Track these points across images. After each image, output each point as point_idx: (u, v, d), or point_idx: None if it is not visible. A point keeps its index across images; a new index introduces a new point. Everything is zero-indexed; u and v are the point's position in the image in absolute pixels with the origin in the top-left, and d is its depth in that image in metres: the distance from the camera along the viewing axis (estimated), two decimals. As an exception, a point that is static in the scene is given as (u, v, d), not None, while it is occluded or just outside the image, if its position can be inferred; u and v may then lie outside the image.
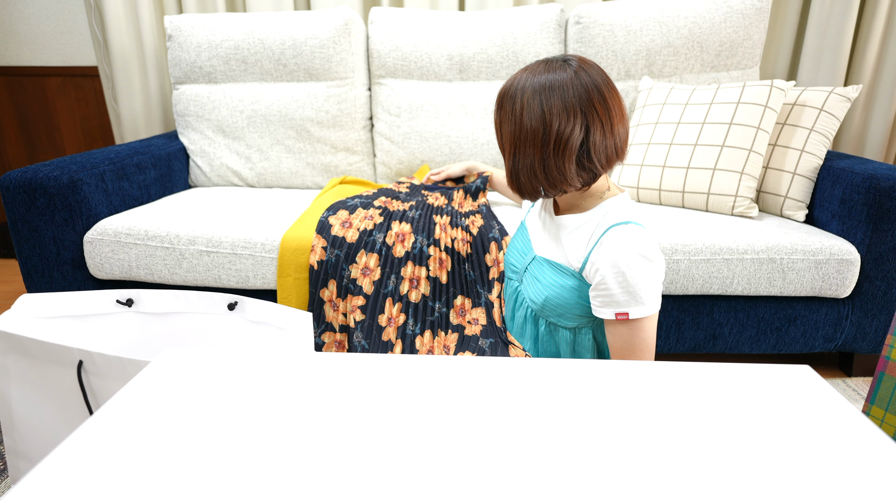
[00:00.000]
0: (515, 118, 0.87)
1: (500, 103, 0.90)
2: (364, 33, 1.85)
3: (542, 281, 0.98)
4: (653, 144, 1.56)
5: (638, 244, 0.86)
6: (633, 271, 0.85)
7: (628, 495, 0.40)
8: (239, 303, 1.00)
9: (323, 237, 1.26)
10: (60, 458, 0.43)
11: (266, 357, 0.60)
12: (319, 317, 1.25)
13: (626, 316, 0.87)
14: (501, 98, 0.90)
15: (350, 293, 1.22)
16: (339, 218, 1.31)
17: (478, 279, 1.19)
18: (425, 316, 1.17)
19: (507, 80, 0.98)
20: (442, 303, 1.17)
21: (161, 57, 2.12)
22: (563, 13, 1.79)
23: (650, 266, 0.86)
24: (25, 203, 1.35)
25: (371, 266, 1.22)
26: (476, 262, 1.21)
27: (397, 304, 1.19)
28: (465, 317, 1.15)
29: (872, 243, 1.30)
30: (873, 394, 0.96)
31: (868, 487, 0.41)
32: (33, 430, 0.87)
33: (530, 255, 1.04)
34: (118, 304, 1.00)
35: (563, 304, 0.95)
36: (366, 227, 1.29)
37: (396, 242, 1.25)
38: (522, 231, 1.11)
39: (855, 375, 1.48)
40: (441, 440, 0.46)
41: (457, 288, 1.19)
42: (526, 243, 1.07)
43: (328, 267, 1.24)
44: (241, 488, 0.40)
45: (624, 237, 0.86)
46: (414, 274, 1.21)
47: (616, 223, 0.88)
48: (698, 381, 0.55)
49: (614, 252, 0.86)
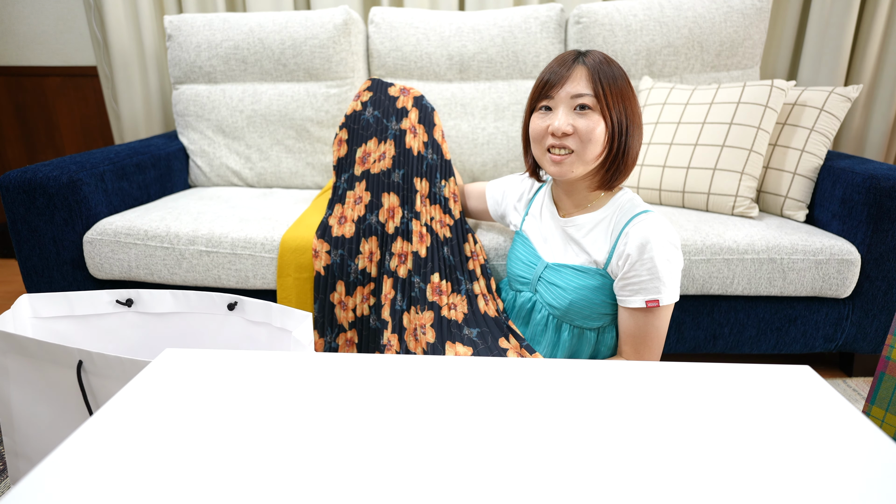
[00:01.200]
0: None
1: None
2: (364, 33, 1.85)
3: (563, 286, 0.98)
4: (653, 144, 1.56)
5: (664, 231, 0.89)
6: (662, 258, 0.88)
7: (629, 495, 0.40)
8: (239, 303, 1.00)
9: (325, 241, 1.27)
10: (60, 458, 0.43)
11: (266, 357, 0.59)
12: (332, 322, 1.25)
13: (657, 303, 0.89)
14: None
15: (359, 284, 1.23)
16: (336, 215, 1.31)
17: (457, 265, 1.18)
18: (409, 291, 1.18)
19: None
20: (420, 277, 1.17)
21: (161, 57, 2.12)
22: (564, 13, 1.79)
23: (676, 253, 0.90)
24: (25, 203, 1.35)
25: (373, 249, 1.24)
26: (456, 248, 1.20)
27: (390, 279, 1.21)
28: (441, 297, 1.13)
29: (873, 243, 1.30)
30: (874, 394, 0.96)
31: (868, 487, 0.41)
32: (33, 431, 0.87)
33: (540, 263, 1.03)
34: (118, 304, 1.00)
35: (588, 305, 0.96)
36: (358, 213, 1.28)
37: (388, 219, 1.25)
38: (523, 240, 1.10)
39: (855, 376, 1.48)
40: (441, 440, 0.46)
41: (434, 265, 1.18)
42: (530, 252, 1.06)
43: (334, 269, 1.25)
44: (242, 488, 0.40)
45: (650, 225, 0.89)
46: (402, 249, 1.22)
47: (637, 213, 0.91)
48: (698, 381, 0.55)
49: (643, 239, 0.88)
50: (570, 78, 0.92)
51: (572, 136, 0.92)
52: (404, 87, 1.38)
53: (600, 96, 0.90)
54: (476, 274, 1.19)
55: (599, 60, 0.92)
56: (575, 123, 0.92)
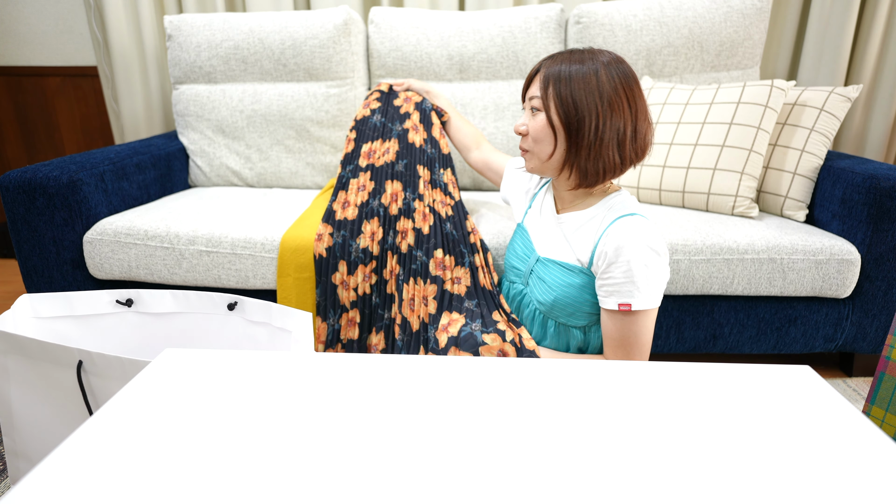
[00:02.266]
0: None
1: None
2: (364, 33, 1.85)
3: (549, 282, 0.98)
4: (653, 144, 1.56)
5: (645, 235, 0.87)
6: (639, 262, 0.86)
7: (629, 496, 0.40)
8: (239, 303, 1.00)
9: (330, 224, 1.31)
10: (60, 459, 0.43)
11: (266, 357, 0.59)
12: (335, 303, 1.28)
13: (629, 307, 0.88)
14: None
15: (361, 263, 1.26)
16: (340, 201, 1.36)
17: (460, 239, 1.24)
18: (410, 264, 1.23)
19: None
20: (422, 252, 1.22)
21: (161, 57, 2.12)
22: (564, 13, 1.79)
23: (656, 258, 0.88)
24: (25, 203, 1.35)
25: (375, 229, 1.29)
26: (458, 223, 1.26)
27: (395, 256, 1.25)
28: (445, 271, 1.19)
29: (873, 243, 1.30)
30: (874, 394, 0.96)
31: (868, 487, 0.41)
32: (33, 431, 0.87)
33: (533, 256, 1.04)
34: (118, 304, 1.00)
35: (572, 304, 0.96)
36: (362, 199, 1.33)
37: (391, 202, 1.30)
38: (522, 233, 1.11)
39: (855, 376, 1.48)
40: (441, 440, 0.46)
41: (437, 240, 1.23)
42: (527, 245, 1.07)
43: (336, 249, 1.28)
44: (241, 488, 0.40)
45: (631, 227, 0.88)
46: (404, 227, 1.27)
47: (622, 214, 0.90)
48: (699, 381, 0.55)
49: (621, 241, 0.87)
50: (532, 82, 0.97)
51: (526, 137, 0.97)
52: (407, 95, 1.49)
53: (544, 95, 0.93)
54: (476, 247, 1.24)
55: (567, 58, 0.93)
56: (528, 124, 0.97)
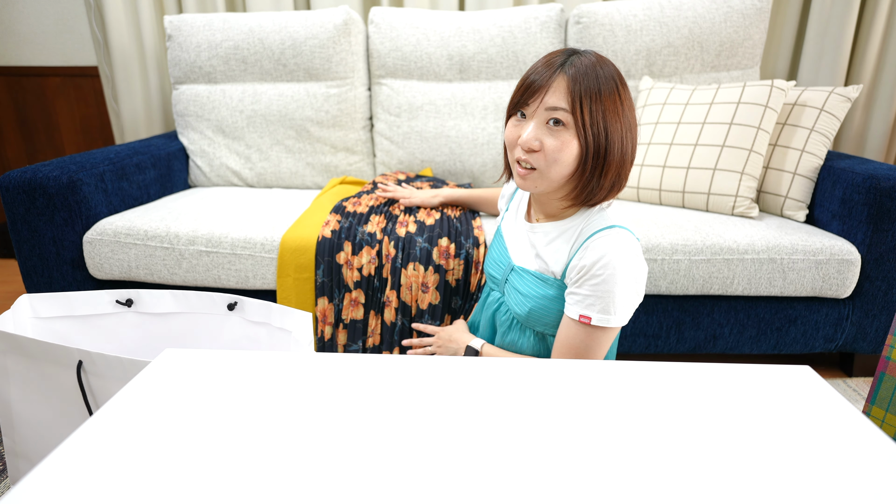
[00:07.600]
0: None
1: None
2: (364, 33, 1.85)
3: (524, 292, 0.94)
4: (653, 144, 1.56)
5: (626, 254, 0.82)
6: (614, 279, 0.81)
7: (629, 495, 0.40)
8: (239, 303, 1.00)
9: (339, 214, 1.39)
10: (60, 459, 0.43)
11: (266, 357, 0.59)
12: (340, 283, 1.31)
13: (589, 320, 0.84)
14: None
15: (366, 244, 1.31)
16: (351, 201, 1.47)
17: (464, 231, 1.30)
18: (409, 249, 1.27)
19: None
20: (424, 239, 1.28)
21: (161, 57, 2.12)
22: (563, 13, 1.79)
23: (633, 282, 0.83)
24: (25, 203, 1.35)
25: (381, 221, 1.37)
26: (465, 221, 1.33)
27: (391, 241, 1.30)
28: (448, 260, 1.25)
29: (873, 243, 1.30)
30: (874, 394, 0.96)
31: (868, 487, 0.41)
32: (33, 431, 0.87)
33: (508, 265, 1.00)
34: (118, 304, 1.00)
35: (547, 314, 0.91)
36: (374, 203, 1.46)
37: (399, 209, 1.44)
38: (499, 239, 1.06)
39: (855, 376, 1.48)
40: (441, 440, 0.46)
41: (442, 230, 1.30)
42: (503, 253, 1.02)
43: (342, 232, 1.33)
44: (241, 488, 0.40)
45: (613, 243, 0.82)
46: (405, 219, 1.36)
47: (601, 228, 0.85)
48: (698, 381, 0.55)
49: (600, 254, 0.82)
50: (550, 87, 0.82)
51: (539, 154, 0.83)
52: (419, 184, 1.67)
53: (577, 114, 0.80)
54: (479, 240, 1.28)
55: (587, 67, 0.82)
56: (543, 140, 0.82)
